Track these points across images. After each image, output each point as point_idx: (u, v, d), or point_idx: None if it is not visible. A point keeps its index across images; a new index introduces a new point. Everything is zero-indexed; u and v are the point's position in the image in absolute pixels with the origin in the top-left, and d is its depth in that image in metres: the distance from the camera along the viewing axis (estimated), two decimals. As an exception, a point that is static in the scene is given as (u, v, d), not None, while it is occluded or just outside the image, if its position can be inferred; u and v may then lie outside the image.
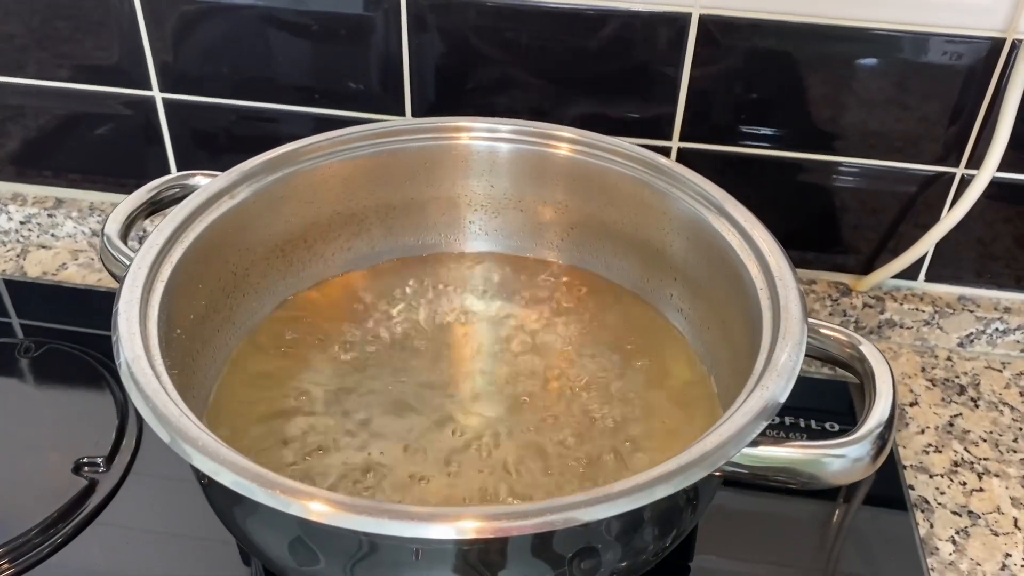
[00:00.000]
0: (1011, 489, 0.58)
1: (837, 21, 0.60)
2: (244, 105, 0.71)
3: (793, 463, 0.39)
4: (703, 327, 0.55)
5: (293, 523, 0.37)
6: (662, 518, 0.41)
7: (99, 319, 0.68)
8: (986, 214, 0.66)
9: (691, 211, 0.54)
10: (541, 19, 0.63)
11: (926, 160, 0.65)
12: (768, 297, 0.45)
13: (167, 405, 0.38)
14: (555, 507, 0.35)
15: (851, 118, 0.64)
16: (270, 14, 0.66)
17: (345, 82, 0.68)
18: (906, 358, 0.69)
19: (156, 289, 0.45)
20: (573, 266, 0.63)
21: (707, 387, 0.54)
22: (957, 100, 0.62)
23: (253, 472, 0.35)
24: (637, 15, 0.62)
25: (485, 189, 0.62)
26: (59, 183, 0.78)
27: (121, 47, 0.69)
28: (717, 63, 0.63)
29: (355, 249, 0.61)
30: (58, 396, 0.62)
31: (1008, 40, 0.59)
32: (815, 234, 0.70)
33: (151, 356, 0.41)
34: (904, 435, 0.62)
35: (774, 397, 0.39)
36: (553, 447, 0.51)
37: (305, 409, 0.52)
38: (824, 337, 0.45)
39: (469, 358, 0.57)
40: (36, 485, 0.55)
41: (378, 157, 0.58)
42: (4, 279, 0.74)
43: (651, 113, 0.66)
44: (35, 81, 0.72)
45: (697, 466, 0.36)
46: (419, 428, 0.51)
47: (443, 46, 0.66)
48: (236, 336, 0.55)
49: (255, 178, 0.54)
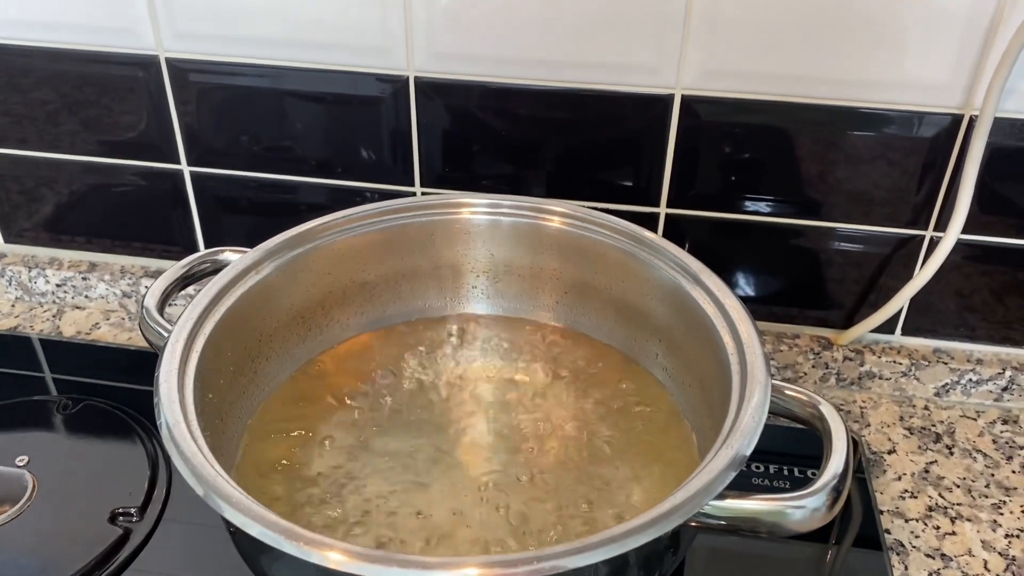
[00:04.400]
0: (982, 533, 0.61)
1: (815, 100, 0.64)
2: (264, 177, 0.74)
3: (757, 514, 0.42)
4: (684, 384, 0.59)
5: (313, 570, 0.40)
6: (645, 562, 0.45)
7: (130, 376, 0.72)
8: (957, 272, 0.69)
9: (671, 280, 0.57)
10: (536, 97, 0.67)
11: (899, 223, 0.68)
12: (738, 362, 0.49)
13: (204, 466, 0.42)
14: (544, 556, 0.39)
15: (831, 185, 0.67)
16: (289, 95, 0.70)
17: (358, 155, 0.72)
18: (885, 407, 0.72)
19: (191, 359, 0.50)
20: (567, 327, 0.66)
21: (689, 439, 0.57)
22: (924, 169, 0.66)
23: (279, 525, 0.40)
24: (623, 95, 0.66)
25: (486, 257, 0.66)
26: (92, 248, 0.81)
27: (151, 124, 0.73)
28: (700, 136, 0.67)
29: (368, 314, 0.65)
30: (94, 449, 0.65)
31: (966, 116, 0.63)
32: (798, 292, 0.73)
33: (188, 420, 0.45)
34: (881, 481, 0.65)
35: (739, 452, 0.43)
36: (551, 499, 0.54)
37: (322, 465, 0.56)
38: (788, 398, 0.48)
39: (472, 413, 0.60)
40: (74, 534, 0.57)
41: (388, 231, 0.63)
42: (41, 338, 0.78)
43: (640, 181, 0.69)
44: (69, 156, 0.76)
45: (667, 519, 0.40)
46: (429, 482, 0.54)
47: (448, 122, 0.69)
48: (259, 396, 0.59)
49: (278, 254, 0.59)
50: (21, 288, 0.82)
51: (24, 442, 0.65)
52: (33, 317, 0.81)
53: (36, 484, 0.61)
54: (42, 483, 0.61)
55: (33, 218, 0.81)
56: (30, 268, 0.81)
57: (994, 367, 0.72)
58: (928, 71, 0.62)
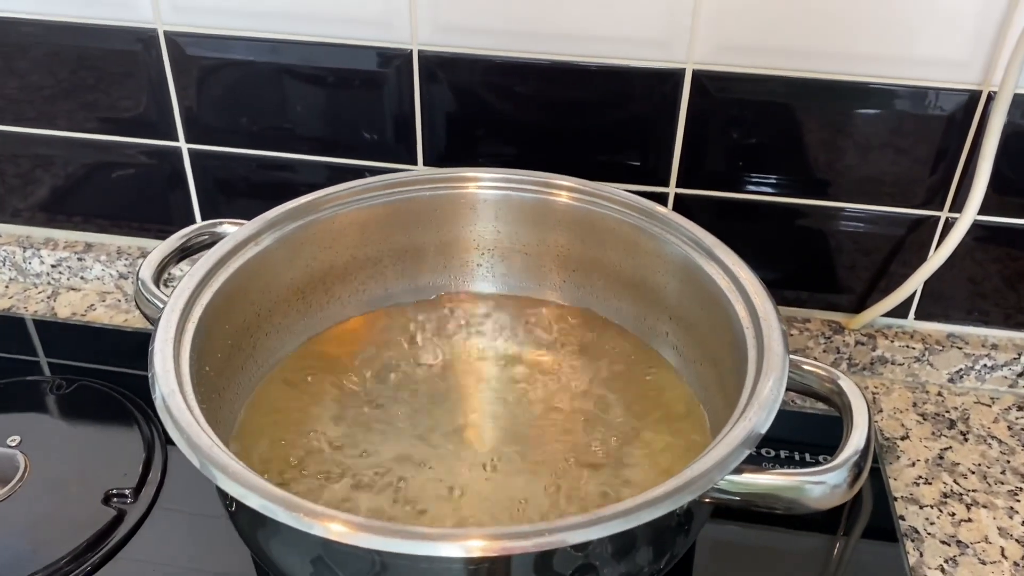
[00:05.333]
0: (998, 519, 0.60)
1: (827, 76, 0.63)
2: (264, 155, 0.73)
3: (775, 489, 0.41)
4: (695, 362, 0.58)
5: (314, 543, 0.39)
6: (656, 540, 0.44)
7: (126, 357, 0.71)
8: (972, 255, 0.68)
9: (683, 255, 0.56)
10: (543, 73, 0.66)
11: (913, 204, 0.67)
12: (753, 335, 0.48)
13: (200, 436, 0.41)
14: (552, 528, 0.37)
15: (843, 165, 0.66)
16: (289, 70, 0.69)
17: (360, 133, 0.71)
18: (898, 393, 0.71)
19: (188, 330, 0.48)
20: (574, 306, 0.65)
21: (700, 418, 0.56)
22: (940, 148, 0.64)
23: (278, 496, 0.38)
24: (634, 70, 0.65)
25: (492, 234, 0.65)
26: (88, 228, 0.80)
27: (149, 101, 0.72)
28: (711, 114, 0.66)
29: (370, 291, 0.64)
30: (88, 431, 0.64)
31: (984, 92, 0.62)
32: (810, 275, 0.72)
33: (184, 391, 0.44)
34: (895, 467, 0.64)
35: (756, 427, 0.42)
36: (556, 476, 0.53)
37: (323, 441, 0.55)
38: (806, 372, 0.47)
39: (478, 393, 0.60)
40: (68, 515, 0.56)
41: (392, 205, 0.61)
42: (36, 320, 0.77)
43: (649, 160, 0.68)
44: (66, 133, 0.75)
45: (682, 492, 0.38)
46: (432, 459, 0.54)
47: (452, 99, 0.68)
48: (258, 373, 0.58)
49: (278, 226, 0.57)
50: (16, 269, 0.81)
51: (16, 422, 0.64)
52: (28, 298, 0.80)
53: (29, 465, 0.60)
54: (35, 464, 0.60)
55: (28, 198, 0.80)
56: (25, 248, 0.80)
57: (1009, 352, 0.71)
58: (946, 47, 0.61)
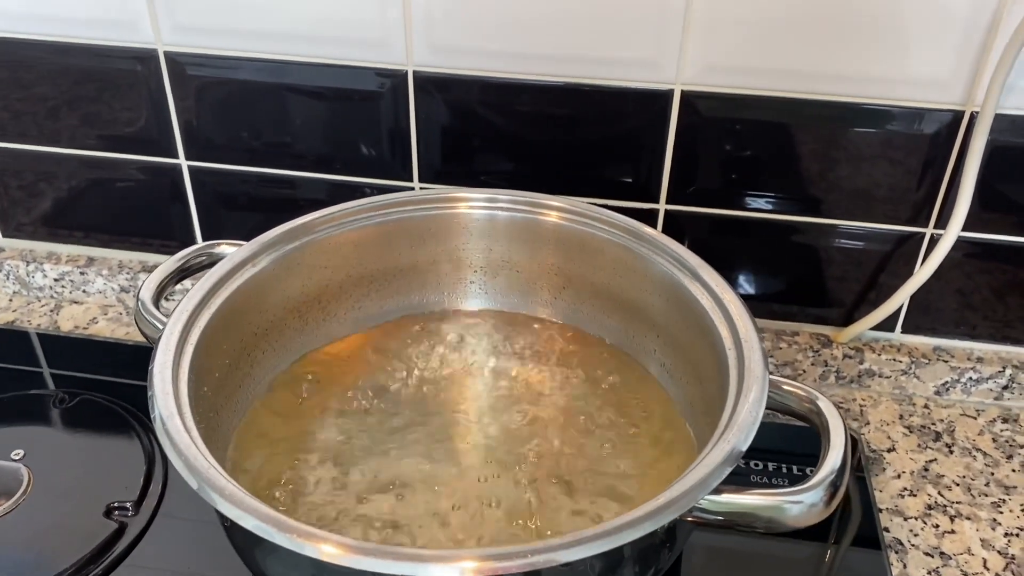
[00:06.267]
0: (981, 531, 0.61)
1: (814, 96, 0.64)
2: (263, 171, 0.74)
3: (754, 509, 0.42)
4: (682, 380, 0.59)
5: (307, 563, 0.40)
6: (641, 557, 0.45)
7: (127, 371, 0.72)
8: (957, 270, 0.69)
9: (669, 275, 0.57)
10: (535, 92, 0.67)
11: (899, 221, 0.68)
12: (735, 356, 0.49)
13: (197, 458, 0.42)
14: (539, 549, 0.39)
15: (830, 182, 0.67)
16: (288, 89, 0.70)
17: (357, 151, 0.72)
18: (885, 406, 0.72)
19: (186, 352, 0.50)
20: (565, 322, 0.66)
21: (686, 435, 0.57)
22: (925, 166, 0.65)
23: (272, 518, 0.39)
24: (623, 90, 0.66)
25: (484, 252, 0.66)
26: (90, 243, 0.81)
27: (150, 119, 0.73)
28: (700, 132, 0.67)
29: (365, 308, 0.65)
30: (90, 444, 0.65)
31: (966, 112, 0.63)
32: (798, 289, 0.73)
33: (182, 413, 0.45)
34: (881, 479, 0.64)
35: (736, 448, 0.43)
36: (547, 492, 0.54)
37: (316, 458, 0.56)
38: (786, 393, 0.48)
39: (470, 408, 0.60)
40: (70, 528, 0.57)
41: (386, 225, 0.62)
42: (39, 333, 0.78)
43: (640, 177, 0.69)
44: (69, 150, 0.76)
45: (663, 513, 0.40)
46: (426, 475, 0.54)
47: (447, 117, 0.69)
48: (255, 390, 0.59)
49: (275, 247, 0.58)
50: (19, 282, 0.82)
51: (20, 436, 0.65)
52: (31, 311, 0.81)
53: (32, 478, 0.61)
54: (38, 477, 0.61)
55: (31, 212, 0.81)
56: (28, 262, 0.81)
57: (994, 365, 0.71)
58: (929, 67, 0.62)
